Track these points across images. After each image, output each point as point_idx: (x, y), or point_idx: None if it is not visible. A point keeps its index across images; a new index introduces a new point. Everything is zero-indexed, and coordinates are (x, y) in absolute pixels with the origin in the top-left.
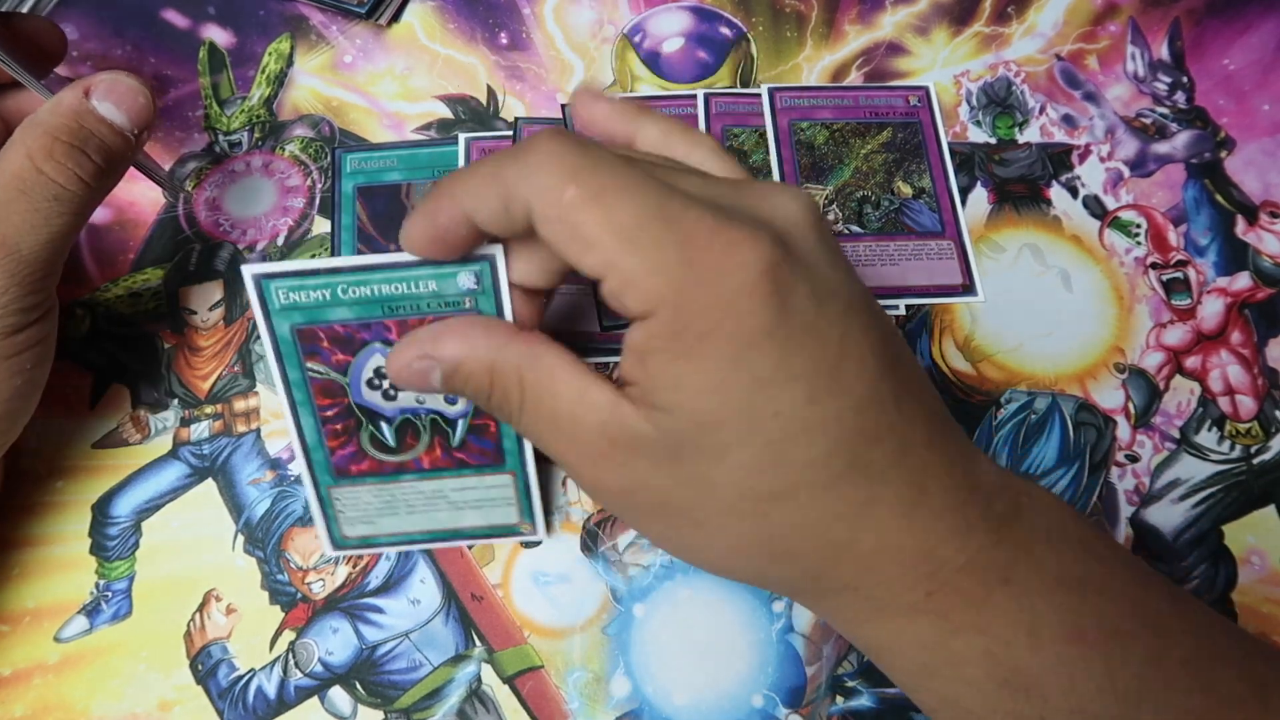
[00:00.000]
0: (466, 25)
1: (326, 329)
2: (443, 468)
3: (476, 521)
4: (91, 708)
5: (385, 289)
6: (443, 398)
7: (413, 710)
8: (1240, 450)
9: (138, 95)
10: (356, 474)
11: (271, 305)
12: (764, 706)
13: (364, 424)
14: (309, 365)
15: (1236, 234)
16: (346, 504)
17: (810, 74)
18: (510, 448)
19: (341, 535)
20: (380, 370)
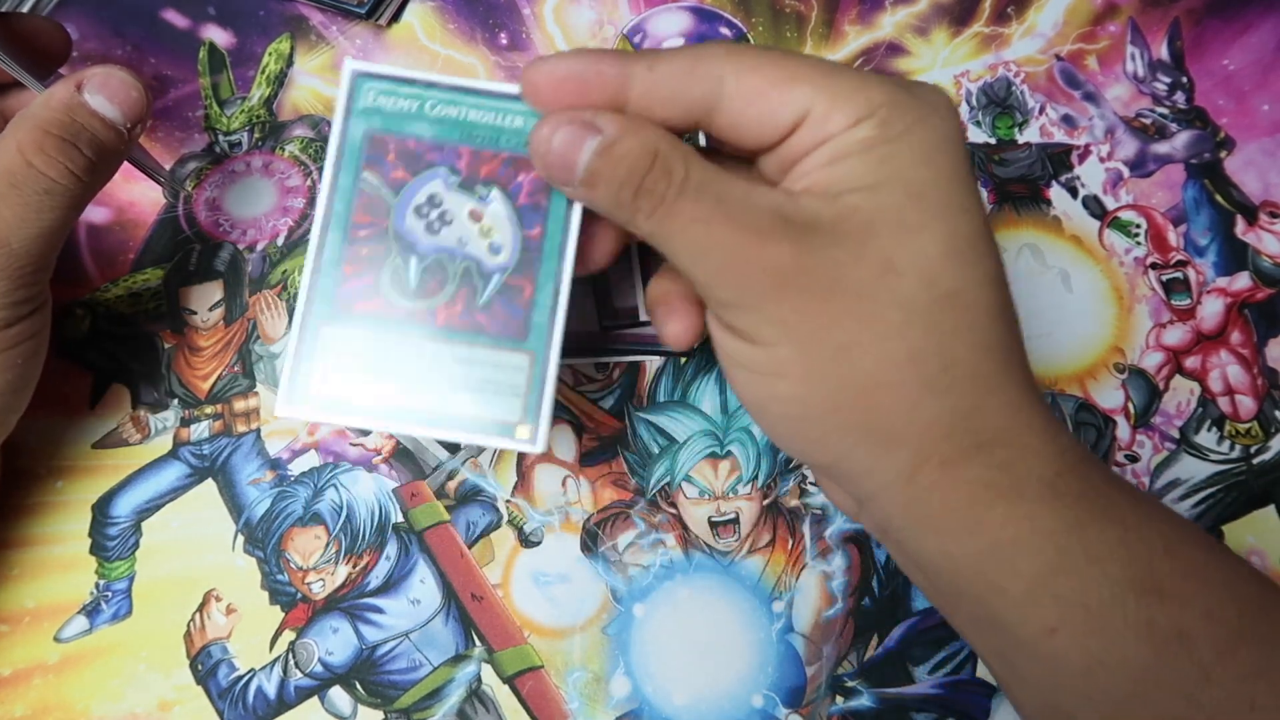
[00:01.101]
0: (466, 25)
1: (399, 141)
2: (457, 329)
3: (470, 410)
4: (91, 708)
5: (473, 114)
6: (488, 245)
7: (413, 710)
8: (1240, 450)
9: (130, 89)
10: (360, 312)
11: (356, 104)
12: (764, 706)
13: (391, 255)
14: (365, 174)
15: (1236, 234)
16: (331, 348)
17: None
18: (539, 322)
19: (308, 389)
20: (435, 198)
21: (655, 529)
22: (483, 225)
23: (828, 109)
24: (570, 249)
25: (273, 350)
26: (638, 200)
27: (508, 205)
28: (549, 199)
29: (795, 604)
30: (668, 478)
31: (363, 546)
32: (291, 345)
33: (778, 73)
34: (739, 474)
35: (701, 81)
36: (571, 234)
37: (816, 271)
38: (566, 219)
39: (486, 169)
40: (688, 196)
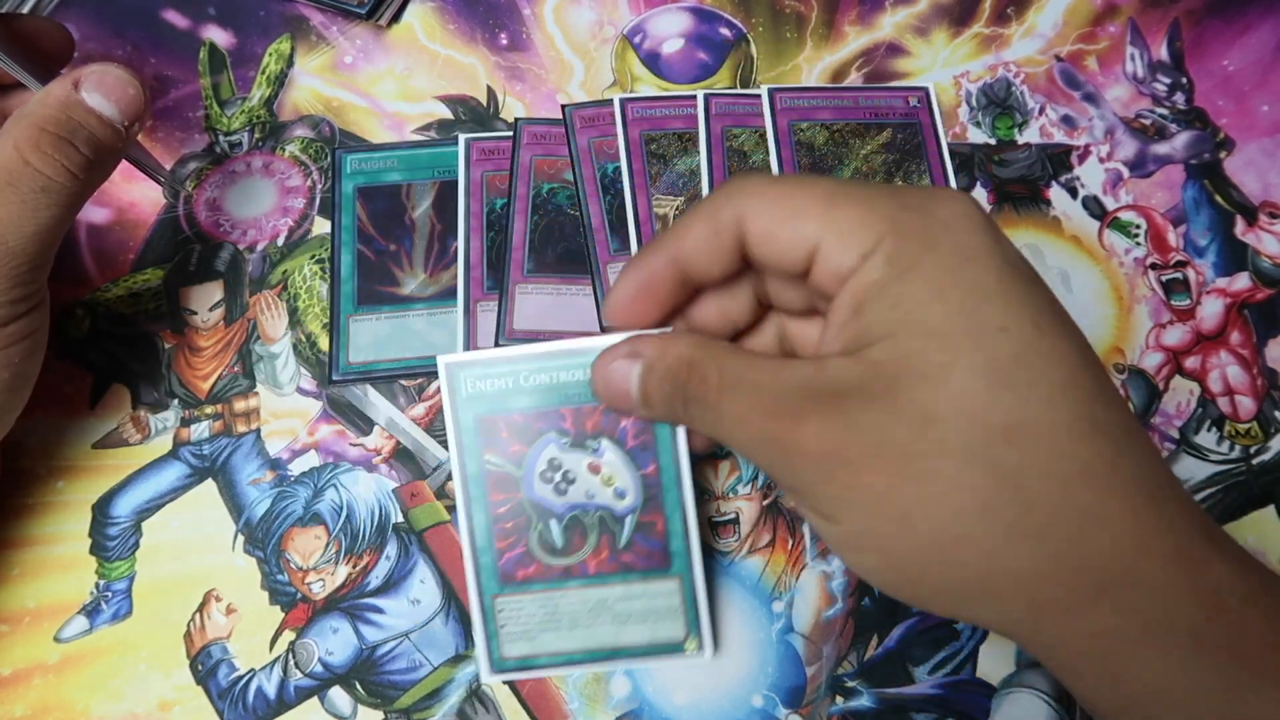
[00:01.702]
0: (466, 26)
1: (506, 418)
2: (608, 573)
3: (640, 638)
4: (91, 708)
5: (563, 375)
6: (613, 493)
7: (413, 710)
8: (1240, 450)
9: (127, 86)
10: (522, 579)
11: (458, 395)
12: (764, 706)
13: (533, 522)
14: (487, 458)
15: (1236, 234)
16: (509, 616)
17: (810, 75)
18: (678, 549)
19: (501, 656)
20: (554, 462)
21: None
22: (604, 475)
23: (834, 244)
24: (686, 475)
25: (273, 350)
26: (689, 409)
27: (619, 452)
28: (655, 436)
29: (795, 604)
30: None
31: (363, 546)
32: (476, 621)
33: (782, 211)
34: (739, 474)
35: (724, 234)
36: (683, 462)
37: (857, 442)
38: (674, 449)
39: (591, 423)
40: (725, 396)
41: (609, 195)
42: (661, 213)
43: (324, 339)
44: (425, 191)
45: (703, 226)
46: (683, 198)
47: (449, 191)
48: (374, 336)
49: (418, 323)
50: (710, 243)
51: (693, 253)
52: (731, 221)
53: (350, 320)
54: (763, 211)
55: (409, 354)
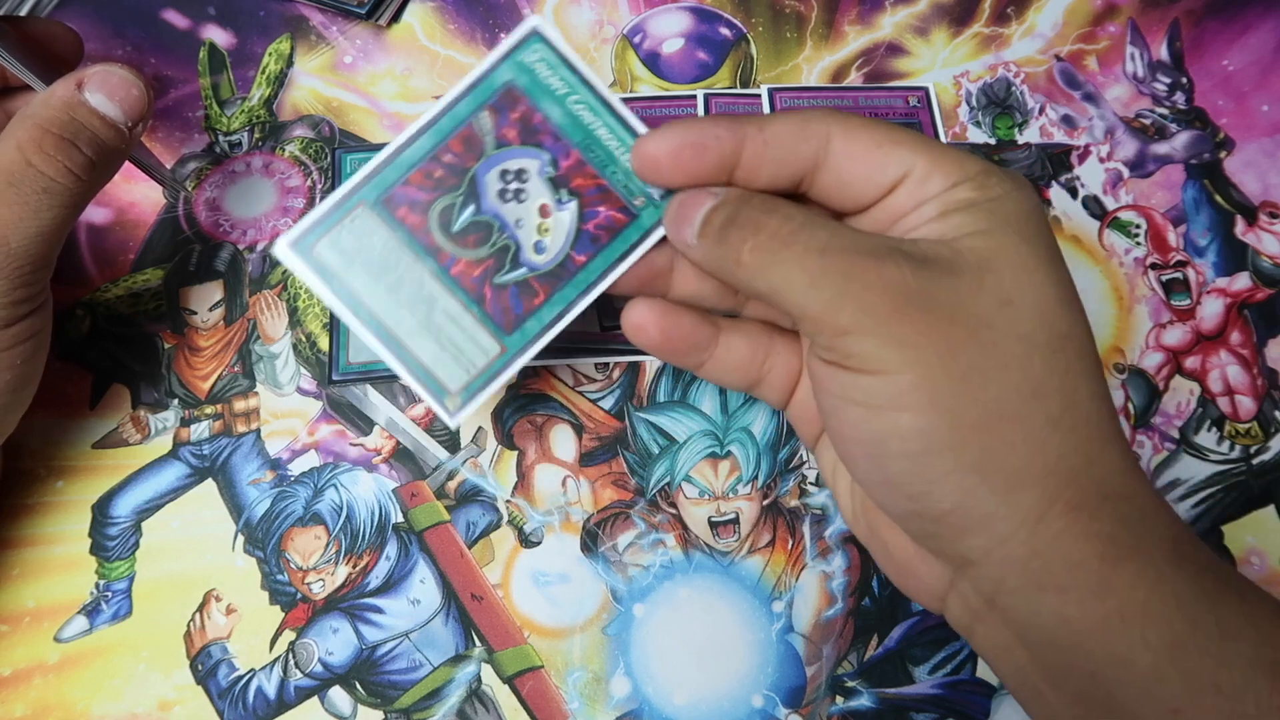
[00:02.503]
0: (466, 25)
1: (529, 108)
2: (463, 287)
3: (425, 356)
4: (91, 708)
5: (602, 131)
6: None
7: (413, 710)
8: (1240, 450)
9: (131, 87)
10: (399, 218)
11: (516, 54)
12: (764, 706)
13: (457, 191)
14: (483, 113)
15: (1236, 234)
16: (354, 229)
17: (810, 75)
18: (530, 328)
19: (311, 247)
20: (523, 173)
21: (655, 529)
22: (544, 223)
23: (928, 170)
24: (595, 290)
25: (273, 350)
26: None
27: (574, 222)
28: (610, 241)
29: (795, 604)
30: (668, 478)
31: (363, 546)
32: (325, 203)
33: (881, 135)
34: (739, 474)
35: (810, 140)
36: (605, 280)
37: (937, 295)
38: (610, 267)
39: (580, 181)
40: (803, 230)
41: None
42: None
43: (324, 339)
44: None
45: (788, 124)
46: None
47: None
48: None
49: None
50: (788, 140)
51: (764, 144)
52: (821, 134)
53: None
54: (860, 130)
55: None
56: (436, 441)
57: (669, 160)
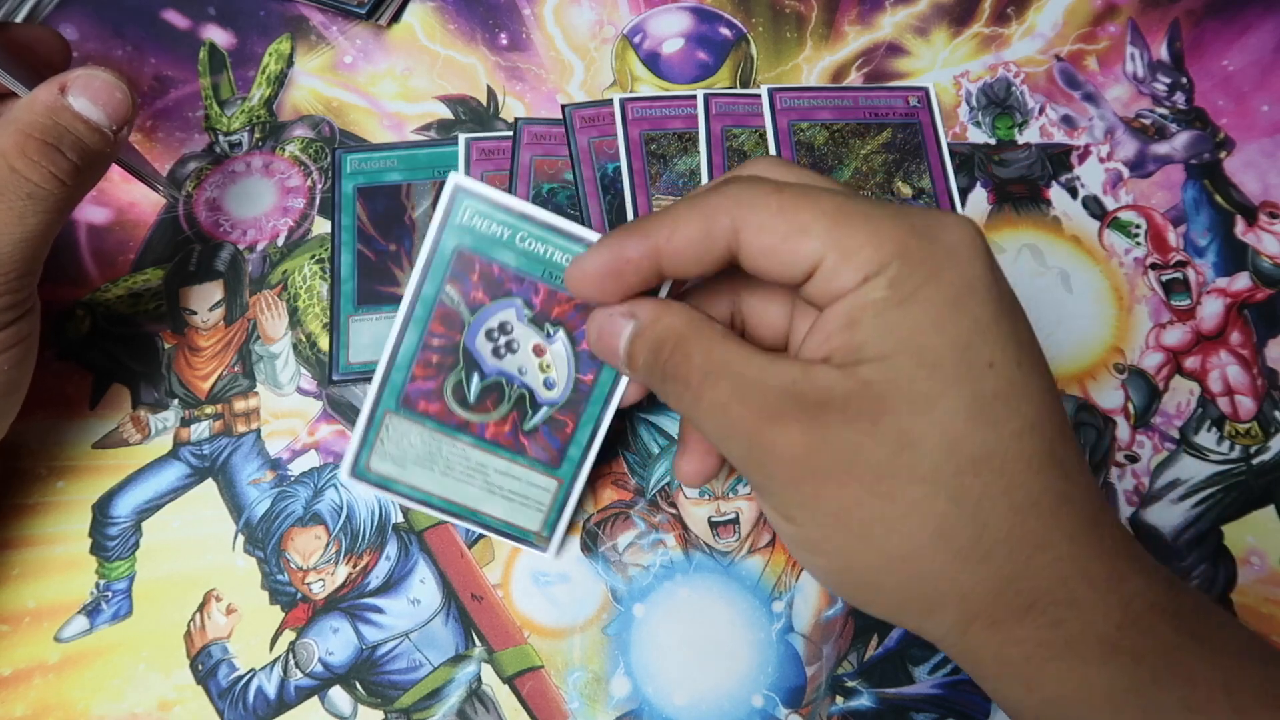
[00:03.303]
0: (466, 26)
1: (485, 264)
2: (502, 445)
3: (498, 513)
4: (91, 708)
5: (557, 256)
6: (543, 380)
7: (413, 710)
8: (1240, 450)
9: (115, 90)
10: (421, 412)
11: (452, 219)
12: (764, 706)
13: (458, 367)
14: (447, 288)
15: (1236, 234)
16: (392, 436)
17: (810, 75)
18: (573, 456)
19: (366, 465)
20: (506, 326)
21: (655, 529)
22: (543, 361)
23: (837, 263)
24: (614, 400)
25: (273, 350)
26: (667, 385)
27: (569, 349)
28: None
29: (795, 604)
30: (668, 478)
31: (363, 546)
32: (359, 425)
33: (787, 225)
34: (739, 474)
35: (718, 239)
36: (619, 388)
37: (831, 454)
38: (615, 378)
39: (559, 310)
40: (708, 380)
41: (609, 195)
42: None
43: (324, 339)
44: (425, 191)
45: (693, 228)
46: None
47: None
48: (374, 336)
49: None
50: (698, 247)
51: (676, 252)
52: (726, 230)
53: (350, 320)
54: (762, 225)
55: None
56: None
57: (596, 289)
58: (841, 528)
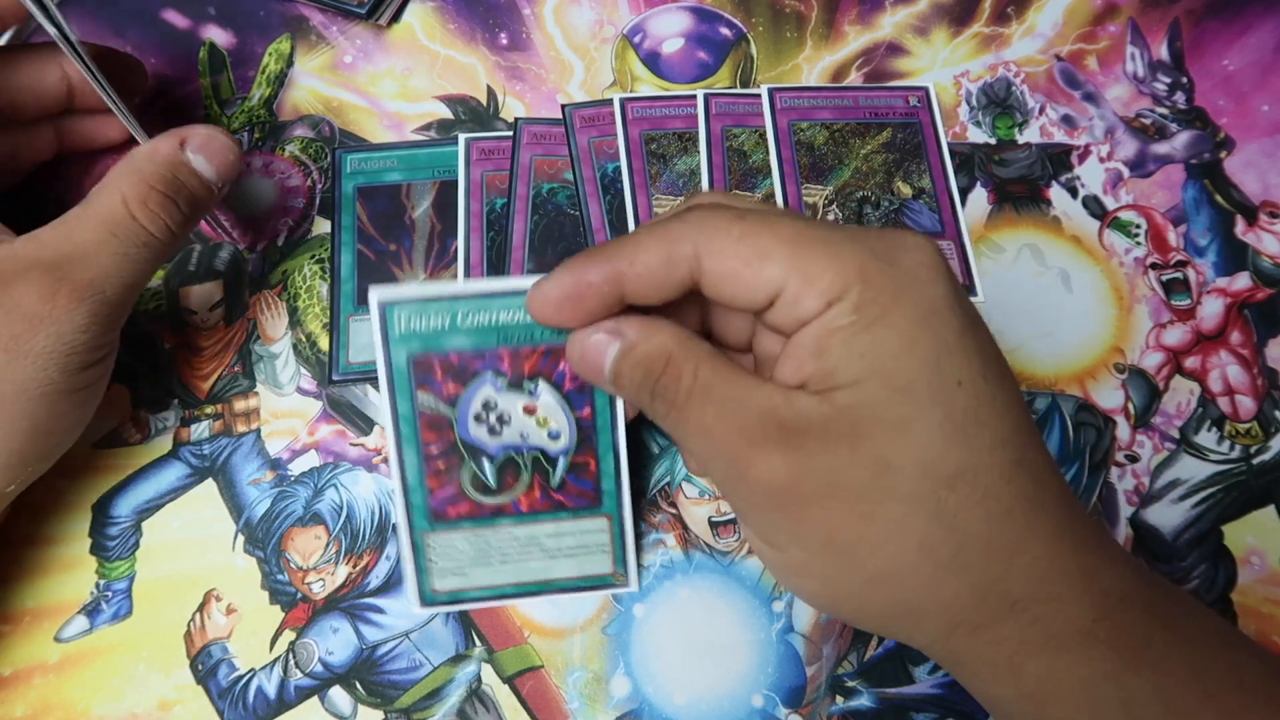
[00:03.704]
0: (466, 25)
1: (442, 358)
2: (540, 511)
3: (569, 572)
4: (91, 708)
5: (503, 316)
6: (546, 434)
7: (413, 710)
8: (1240, 450)
9: (229, 152)
10: (454, 517)
11: (392, 333)
12: (764, 706)
13: (466, 461)
14: (420, 396)
15: (1236, 234)
16: (440, 552)
17: (810, 74)
18: (609, 489)
19: (432, 590)
20: (489, 403)
21: (655, 529)
22: (538, 417)
23: (799, 290)
24: (620, 419)
25: (273, 350)
26: (655, 403)
27: (555, 395)
28: None
29: (795, 604)
30: (668, 478)
31: (363, 546)
32: (406, 556)
33: (748, 251)
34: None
35: (679, 265)
36: (618, 406)
37: (812, 480)
38: (610, 397)
39: (529, 365)
40: (694, 401)
41: (609, 195)
42: (661, 212)
43: (324, 339)
44: (425, 191)
45: (655, 255)
46: (683, 197)
47: (449, 191)
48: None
49: None
50: (659, 273)
51: (638, 278)
52: (688, 256)
53: (350, 320)
54: (724, 251)
55: None
56: None
57: (555, 313)
58: (825, 551)
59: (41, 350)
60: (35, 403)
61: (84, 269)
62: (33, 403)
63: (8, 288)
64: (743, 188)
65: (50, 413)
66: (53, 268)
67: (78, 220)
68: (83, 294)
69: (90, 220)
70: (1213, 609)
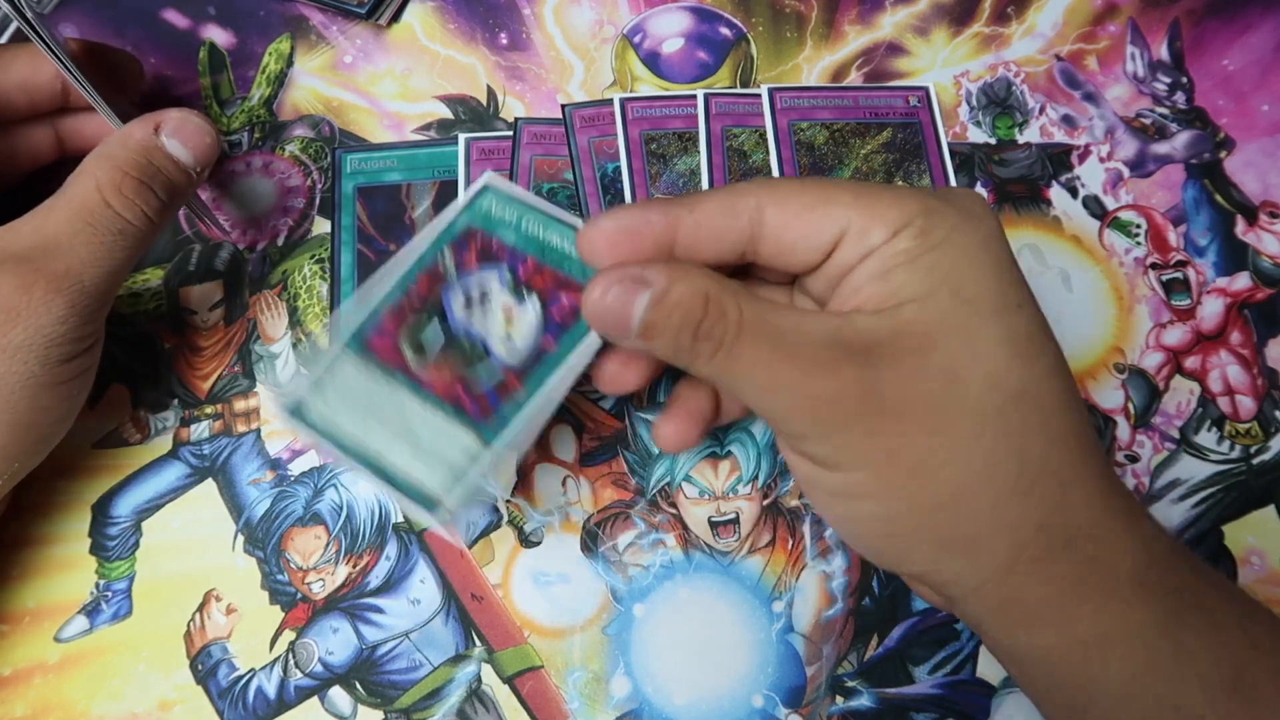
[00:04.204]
0: (466, 25)
1: (485, 237)
2: (439, 396)
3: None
4: (91, 708)
5: (553, 238)
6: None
7: (413, 710)
8: (1240, 450)
9: (205, 135)
10: (376, 352)
11: (474, 206)
12: (764, 706)
13: (425, 318)
14: (445, 250)
15: (1236, 234)
16: (339, 376)
17: (810, 74)
18: (506, 417)
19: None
20: (484, 288)
21: (655, 529)
22: (511, 322)
23: (865, 224)
24: (569, 373)
25: (273, 350)
26: (697, 346)
27: (539, 315)
28: (575, 323)
29: (795, 604)
30: (668, 478)
31: (363, 546)
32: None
33: (812, 197)
34: (739, 474)
35: (741, 215)
36: (577, 359)
37: (882, 394)
38: (578, 346)
39: (540, 280)
40: (745, 338)
41: (609, 195)
42: None
43: (324, 339)
44: (425, 191)
45: (718, 203)
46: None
47: (449, 191)
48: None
49: None
50: (720, 220)
51: (696, 226)
52: (751, 207)
53: None
54: (788, 199)
55: None
56: None
57: (607, 247)
58: (890, 468)
59: (20, 344)
60: (17, 397)
61: (60, 259)
62: (14, 397)
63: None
64: None
65: (32, 406)
66: (27, 259)
67: (52, 210)
68: (59, 285)
69: (64, 210)
70: None
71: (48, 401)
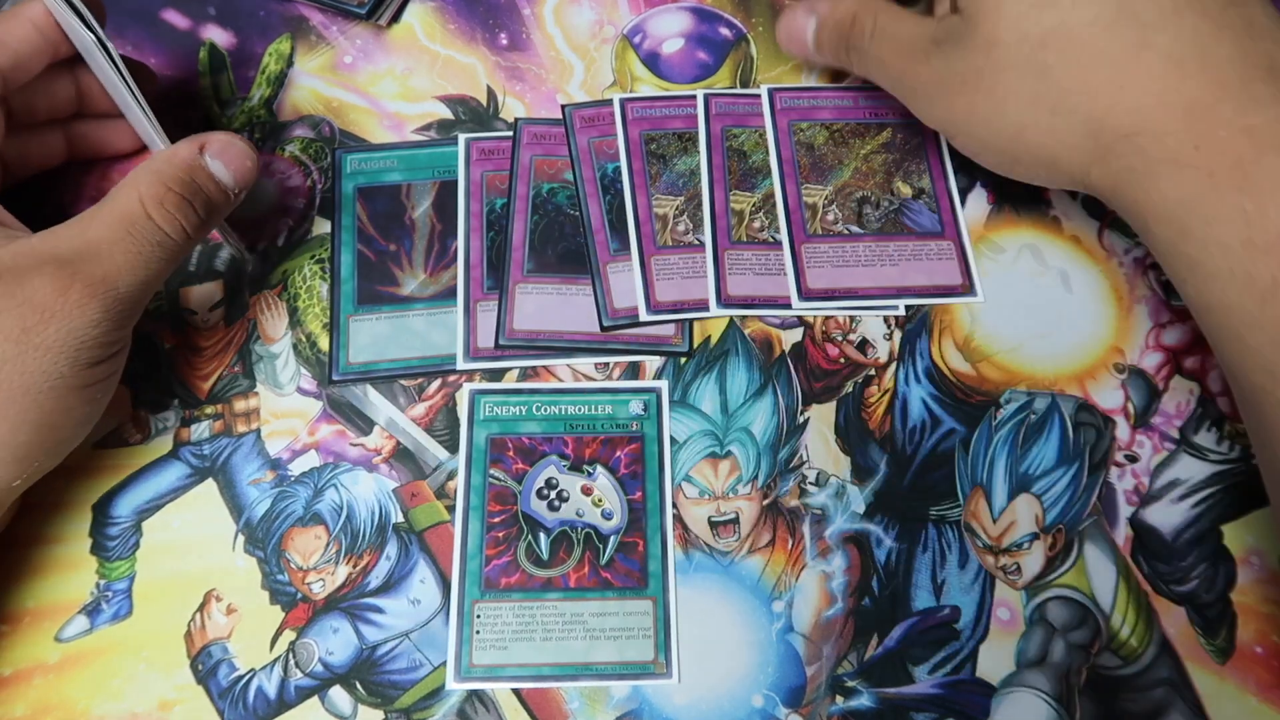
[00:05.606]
0: (466, 25)
1: (515, 439)
2: (588, 588)
3: (610, 656)
4: (91, 708)
5: (571, 409)
6: (600, 514)
7: (413, 710)
8: (1239, 450)
9: (246, 159)
10: (504, 587)
11: (477, 417)
12: (764, 706)
13: (524, 533)
14: (492, 472)
15: None
16: (486, 623)
17: (810, 74)
18: (655, 571)
19: (470, 664)
20: (551, 481)
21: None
22: (594, 497)
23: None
24: (669, 505)
25: (273, 350)
26: (849, 54)
27: (611, 478)
28: (644, 467)
29: (795, 604)
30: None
31: (363, 546)
32: (453, 625)
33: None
34: (739, 474)
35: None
36: (668, 492)
37: (950, 75)
38: (660, 480)
39: (589, 451)
40: (874, 42)
41: (609, 195)
42: (661, 213)
43: (324, 339)
44: (425, 191)
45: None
46: (682, 197)
47: (449, 191)
48: (374, 336)
49: (418, 323)
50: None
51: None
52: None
53: (350, 320)
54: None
55: (409, 354)
56: (436, 441)
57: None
58: (973, 123)
59: (52, 343)
60: (44, 396)
61: (98, 264)
62: (41, 395)
63: (22, 280)
64: (743, 188)
65: (58, 407)
66: (67, 262)
67: (94, 217)
68: (96, 289)
69: (106, 217)
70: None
71: (73, 403)
